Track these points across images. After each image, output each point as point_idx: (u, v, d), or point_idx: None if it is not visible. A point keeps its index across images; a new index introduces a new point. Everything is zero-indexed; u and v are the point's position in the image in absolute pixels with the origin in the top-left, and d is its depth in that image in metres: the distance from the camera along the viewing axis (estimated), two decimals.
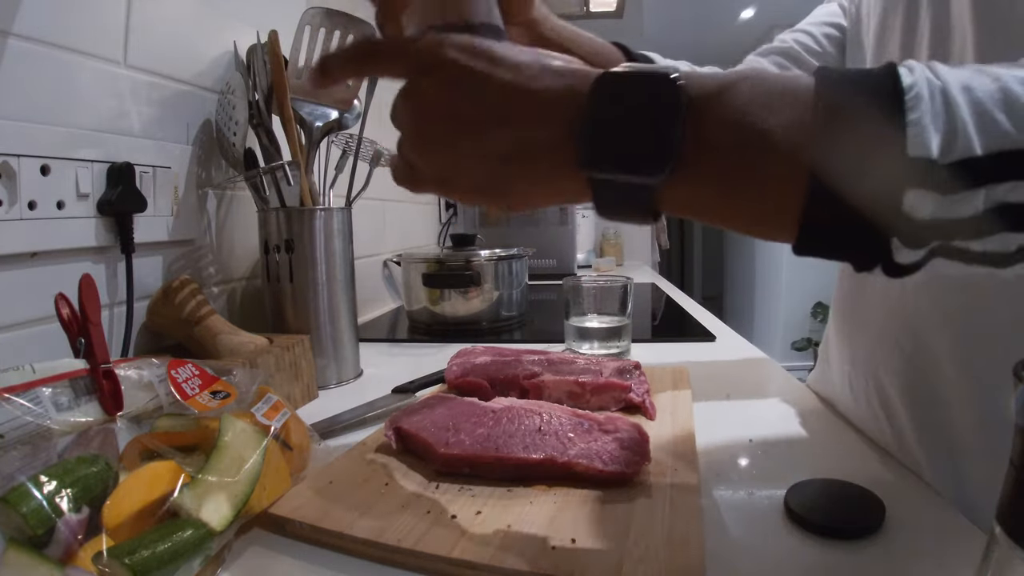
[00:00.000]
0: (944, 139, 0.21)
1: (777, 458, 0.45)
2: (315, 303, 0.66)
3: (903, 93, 0.22)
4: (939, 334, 0.41)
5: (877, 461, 0.44)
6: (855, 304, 0.52)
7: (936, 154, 0.21)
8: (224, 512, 0.32)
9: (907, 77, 0.23)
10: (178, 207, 0.63)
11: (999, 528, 0.19)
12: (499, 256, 0.99)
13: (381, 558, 0.33)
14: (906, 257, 0.23)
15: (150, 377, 0.40)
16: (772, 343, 3.75)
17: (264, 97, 0.68)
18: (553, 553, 0.31)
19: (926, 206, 0.22)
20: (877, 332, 0.48)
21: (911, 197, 0.22)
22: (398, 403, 0.57)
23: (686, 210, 0.27)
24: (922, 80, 0.22)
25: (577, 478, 0.39)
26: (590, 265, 2.04)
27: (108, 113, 0.55)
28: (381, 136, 0.79)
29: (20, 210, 0.46)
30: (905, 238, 0.23)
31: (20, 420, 0.33)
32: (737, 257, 4.65)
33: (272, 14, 0.78)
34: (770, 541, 0.34)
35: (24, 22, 0.46)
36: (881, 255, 0.23)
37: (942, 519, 0.36)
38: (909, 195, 0.22)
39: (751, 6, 3.30)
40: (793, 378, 0.66)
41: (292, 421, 0.42)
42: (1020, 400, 0.19)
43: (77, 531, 0.28)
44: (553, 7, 0.50)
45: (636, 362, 0.59)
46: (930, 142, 0.21)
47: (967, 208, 0.22)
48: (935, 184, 0.22)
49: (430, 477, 0.41)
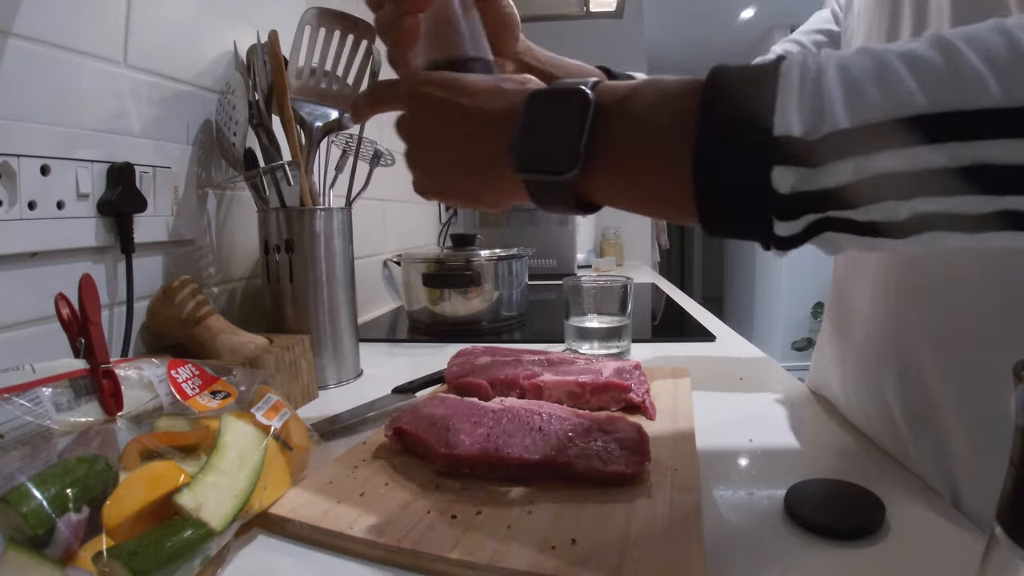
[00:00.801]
0: (811, 118, 0.23)
1: (777, 458, 0.45)
2: (315, 303, 0.66)
3: (777, 80, 0.24)
4: (925, 335, 0.41)
5: (877, 461, 0.44)
6: (845, 307, 0.52)
7: (799, 132, 0.23)
8: (224, 512, 0.32)
9: (785, 65, 0.25)
10: (178, 207, 0.63)
11: (999, 528, 0.19)
12: (499, 256, 0.99)
13: (381, 558, 0.33)
14: (784, 230, 0.25)
15: (150, 377, 0.40)
16: (772, 343, 3.75)
17: (264, 97, 0.68)
18: (553, 553, 0.31)
19: (787, 180, 0.24)
20: (867, 334, 0.48)
21: (777, 173, 0.24)
22: (398, 403, 0.57)
23: (608, 202, 0.31)
24: (796, 69, 0.24)
25: (577, 478, 0.39)
26: (590, 265, 2.04)
27: (108, 113, 0.55)
28: (381, 136, 0.79)
29: (20, 210, 0.46)
30: (777, 212, 0.25)
31: (20, 420, 0.33)
32: (737, 257, 4.65)
33: (272, 14, 0.78)
34: (770, 541, 0.34)
35: (24, 22, 0.46)
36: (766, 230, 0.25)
37: (942, 519, 0.36)
38: (775, 171, 0.24)
39: (751, 6, 3.30)
40: (793, 378, 0.66)
41: (292, 421, 0.42)
42: (1020, 400, 0.19)
43: (77, 531, 0.28)
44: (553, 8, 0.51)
45: (636, 362, 0.59)
46: (792, 123, 0.23)
47: (829, 179, 0.23)
48: (798, 159, 0.23)
49: (430, 477, 0.41)
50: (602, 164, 0.29)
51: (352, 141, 0.77)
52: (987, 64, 0.21)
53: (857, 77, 0.23)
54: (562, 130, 0.29)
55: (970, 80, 0.22)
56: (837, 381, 0.54)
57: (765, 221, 0.25)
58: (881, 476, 0.42)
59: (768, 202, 0.24)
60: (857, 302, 0.50)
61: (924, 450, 0.41)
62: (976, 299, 0.37)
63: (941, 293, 0.40)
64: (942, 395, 0.39)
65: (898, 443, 0.44)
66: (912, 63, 0.23)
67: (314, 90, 0.67)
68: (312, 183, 0.67)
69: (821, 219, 0.25)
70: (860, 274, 0.49)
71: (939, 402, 0.40)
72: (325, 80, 0.68)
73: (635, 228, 2.39)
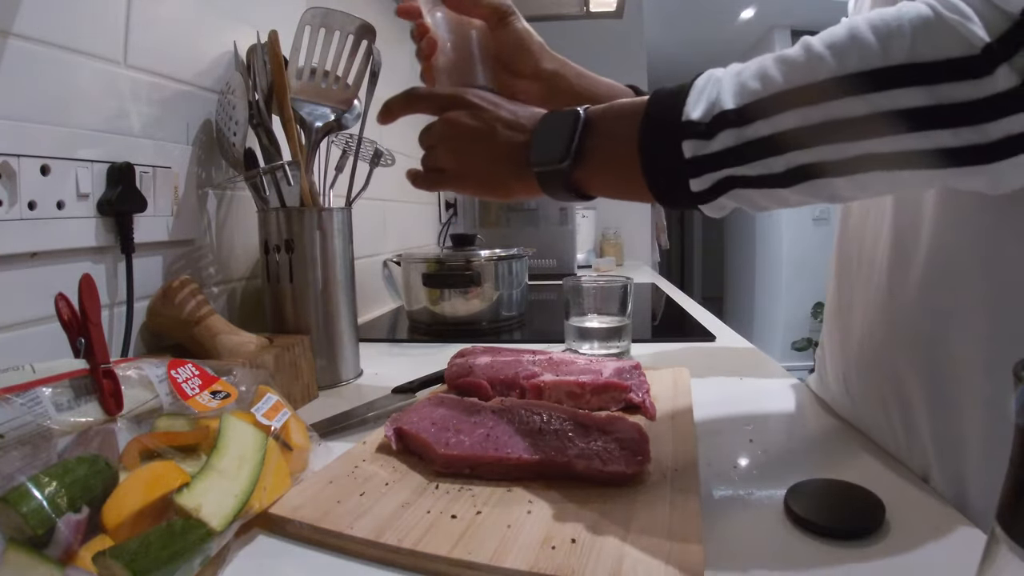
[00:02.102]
0: (707, 106, 0.33)
1: (777, 458, 0.45)
2: (315, 303, 0.66)
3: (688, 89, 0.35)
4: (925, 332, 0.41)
5: (877, 461, 0.44)
6: (846, 302, 0.52)
7: (697, 116, 0.33)
8: (224, 512, 0.32)
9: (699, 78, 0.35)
10: (178, 207, 0.63)
11: (999, 528, 0.19)
12: (499, 256, 0.99)
13: (381, 558, 0.33)
14: (696, 186, 0.35)
15: (150, 377, 0.40)
16: (772, 343, 3.74)
17: (264, 97, 0.68)
18: (553, 553, 0.31)
19: (689, 149, 0.34)
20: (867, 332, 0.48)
21: (684, 145, 0.34)
22: (398, 403, 0.57)
23: (593, 187, 0.41)
24: (704, 77, 0.35)
25: (577, 478, 0.39)
26: (590, 265, 2.03)
27: (108, 113, 0.55)
28: (381, 136, 0.79)
29: (20, 210, 0.46)
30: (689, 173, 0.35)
31: (20, 420, 0.33)
32: (737, 257, 4.65)
33: (272, 14, 0.78)
34: (770, 541, 0.34)
35: (24, 22, 0.46)
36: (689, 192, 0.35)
37: (942, 519, 0.36)
38: (683, 144, 0.34)
39: (751, 6, 3.30)
40: (793, 378, 0.66)
41: (292, 421, 0.42)
42: (1020, 400, 0.19)
43: (77, 531, 0.28)
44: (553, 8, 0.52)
45: (636, 362, 0.59)
46: (693, 110, 0.34)
47: (720, 144, 0.33)
48: (697, 134, 0.34)
49: (430, 477, 0.41)
50: (587, 160, 0.40)
51: (352, 141, 0.77)
52: (828, 47, 0.30)
53: (743, 76, 0.33)
54: (561, 135, 0.41)
55: (815, 61, 0.30)
56: (837, 382, 0.54)
57: (684, 182, 0.35)
58: (881, 476, 0.42)
59: (681, 166, 0.35)
60: (855, 301, 0.50)
61: (926, 449, 0.41)
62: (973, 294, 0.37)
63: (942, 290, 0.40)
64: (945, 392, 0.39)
65: (898, 442, 0.44)
66: (780, 59, 0.32)
67: (314, 90, 0.67)
68: (312, 183, 0.67)
69: (723, 177, 0.34)
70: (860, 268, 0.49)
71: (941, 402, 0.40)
72: (325, 80, 0.68)
73: (635, 228, 2.39)
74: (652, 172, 0.37)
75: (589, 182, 0.41)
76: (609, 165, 0.40)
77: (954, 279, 0.39)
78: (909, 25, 0.28)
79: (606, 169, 0.40)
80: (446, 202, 1.76)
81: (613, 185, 0.41)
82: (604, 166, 0.40)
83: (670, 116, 0.35)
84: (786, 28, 3.57)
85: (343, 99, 0.69)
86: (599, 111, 0.40)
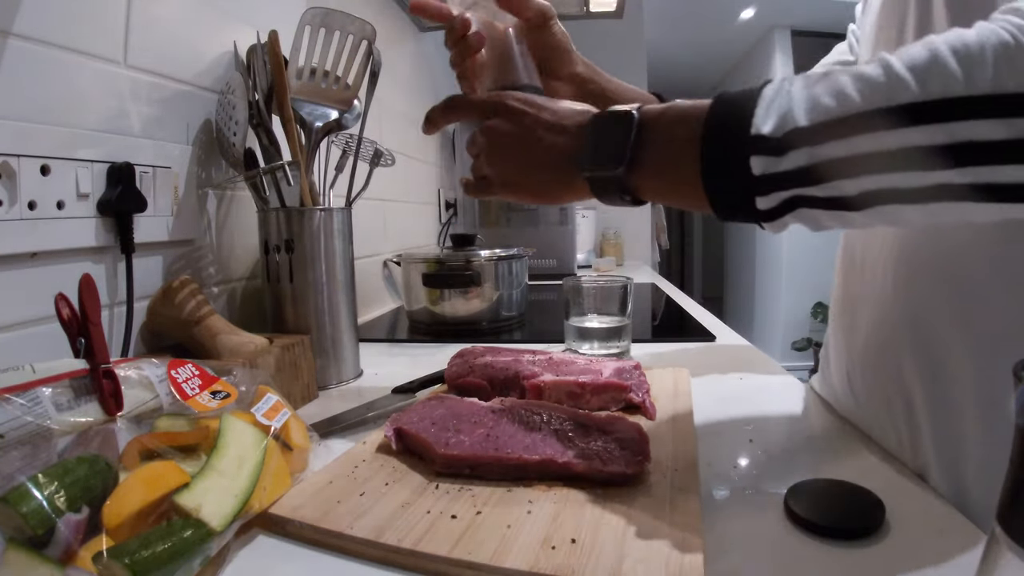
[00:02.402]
0: (778, 121, 0.31)
1: (777, 458, 0.45)
2: (315, 303, 0.66)
3: (756, 99, 0.33)
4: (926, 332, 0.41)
5: (877, 461, 0.44)
6: (851, 301, 0.52)
7: (768, 131, 0.31)
8: (224, 512, 0.32)
9: (765, 88, 0.33)
10: (178, 207, 0.63)
11: (999, 528, 0.19)
12: (499, 256, 0.99)
13: (381, 558, 0.33)
14: (763, 204, 0.33)
15: (150, 377, 0.40)
16: (772, 343, 3.74)
17: (264, 97, 0.68)
18: (553, 553, 0.31)
19: (759, 165, 0.32)
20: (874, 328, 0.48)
21: (753, 161, 0.32)
22: (398, 403, 0.57)
23: (648, 194, 0.39)
24: (773, 88, 0.33)
25: (577, 478, 0.39)
26: (590, 265, 2.04)
27: (108, 113, 0.55)
28: (381, 136, 0.79)
29: (20, 210, 0.46)
30: (756, 190, 0.32)
31: (20, 420, 0.33)
32: (737, 257, 4.64)
33: (272, 14, 0.78)
34: (770, 541, 0.34)
35: (24, 22, 0.46)
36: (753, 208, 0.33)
37: (942, 519, 0.36)
38: (752, 160, 0.32)
39: (751, 6, 3.30)
40: (793, 378, 0.66)
41: (292, 421, 0.42)
42: (1020, 400, 0.19)
43: (77, 531, 0.28)
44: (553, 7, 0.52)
45: (636, 362, 0.59)
46: (763, 124, 0.31)
47: (791, 163, 0.31)
48: (767, 150, 0.31)
49: (430, 477, 0.41)
50: (641, 165, 0.38)
51: (352, 141, 0.77)
52: (909, 70, 0.28)
53: (816, 91, 0.31)
54: (615, 139, 0.38)
55: (896, 84, 0.28)
56: (841, 379, 0.54)
57: (750, 199, 0.33)
58: (881, 476, 0.42)
59: (749, 183, 0.32)
60: (861, 298, 0.50)
61: (928, 447, 0.41)
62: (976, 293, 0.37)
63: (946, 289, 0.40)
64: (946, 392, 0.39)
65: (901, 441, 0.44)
66: (857, 76, 0.30)
67: (314, 90, 0.67)
68: (312, 183, 0.67)
69: (791, 196, 0.32)
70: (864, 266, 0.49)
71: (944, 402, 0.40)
72: (325, 80, 0.68)
73: (635, 228, 2.39)
74: (714, 185, 0.34)
75: (642, 188, 0.39)
76: (665, 172, 0.37)
77: (958, 279, 0.39)
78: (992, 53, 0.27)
79: (661, 176, 0.38)
80: (446, 202, 1.76)
81: (667, 192, 0.38)
82: (660, 173, 0.37)
83: (737, 127, 0.33)
84: (786, 28, 3.57)
85: (343, 99, 0.70)
86: (655, 112, 0.38)
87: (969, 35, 0.28)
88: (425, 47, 1.58)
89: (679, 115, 0.37)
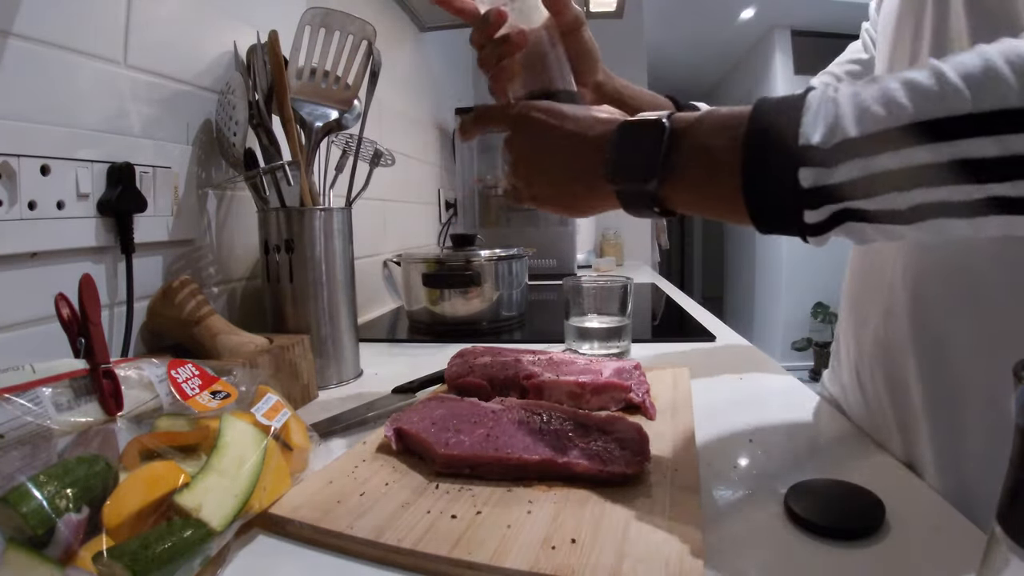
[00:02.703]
0: (827, 130, 0.29)
1: (777, 458, 0.45)
2: (315, 303, 0.66)
3: (801, 107, 0.31)
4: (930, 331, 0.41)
5: (877, 461, 0.44)
6: (861, 297, 0.52)
7: (817, 141, 0.30)
8: (224, 512, 0.32)
9: (810, 95, 0.31)
10: (178, 207, 0.63)
11: (999, 528, 0.19)
12: (499, 256, 0.99)
13: (381, 558, 0.33)
14: (811, 218, 0.31)
15: (150, 377, 0.40)
16: (772, 343, 3.75)
17: (264, 97, 0.68)
18: (553, 553, 0.31)
19: (809, 177, 0.30)
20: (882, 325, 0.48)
21: (802, 173, 0.30)
22: (398, 403, 0.57)
23: (679, 205, 0.37)
24: (818, 95, 0.31)
25: (577, 478, 0.39)
26: (590, 265, 2.04)
27: (108, 113, 0.55)
28: (381, 136, 0.79)
29: (20, 210, 0.46)
30: (805, 203, 0.31)
31: (20, 420, 0.33)
32: (737, 257, 4.65)
33: (272, 14, 0.78)
34: (770, 541, 0.34)
35: (24, 22, 0.46)
36: (799, 221, 0.31)
37: (942, 519, 0.36)
38: (801, 171, 0.30)
39: (751, 6, 3.30)
40: (793, 378, 0.66)
41: (292, 421, 0.42)
42: (1020, 400, 0.19)
43: (77, 531, 0.28)
44: None
45: (636, 362, 0.59)
46: (812, 134, 0.30)
47: (843, 175, 0.29)
48: (817, 161, 0.30)
49: (430, 477, 0.41)
50: (675, 176, 0.35)
51: (352, 141, 0.77)
52: (964, 80, 0.27)
53: (864, 98, 0.29)
54: (645, 150, 0.36)
55: (950, 93, 0.27)
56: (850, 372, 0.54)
57: (797, 212, 0.31)
58: (881, 476, 0.42)
59: (797, 196, 0.31)
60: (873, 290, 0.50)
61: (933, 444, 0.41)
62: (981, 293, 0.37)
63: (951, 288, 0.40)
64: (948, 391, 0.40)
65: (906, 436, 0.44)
66: (907, 84, 0.29)
67: (314, 90, 0.67)
68: (312, 183, 0.67)
69: (840, 210, 0.30)
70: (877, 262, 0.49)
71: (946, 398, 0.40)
72: (325, 80, 0.68)
73: (635, 228, 2.39)
74: (757, 198, 0.32)
75: (675, 200, 0.37)
76: (701, 185, 0.35)
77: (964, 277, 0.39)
78: None
79: (696, 188, 0.35)
80: (446, 202, 1.76)
81: (701, 204, 0.36)
82: (695, 186, 0.35)
83: (783, 137, 0.31)
84: (786, 28, 3.57)
85: (343, 99, 0.70)
86: (688, 121, 0.36)
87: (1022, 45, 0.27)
88: (425, 47, 1.58)
89: (716, 124, 0.35)
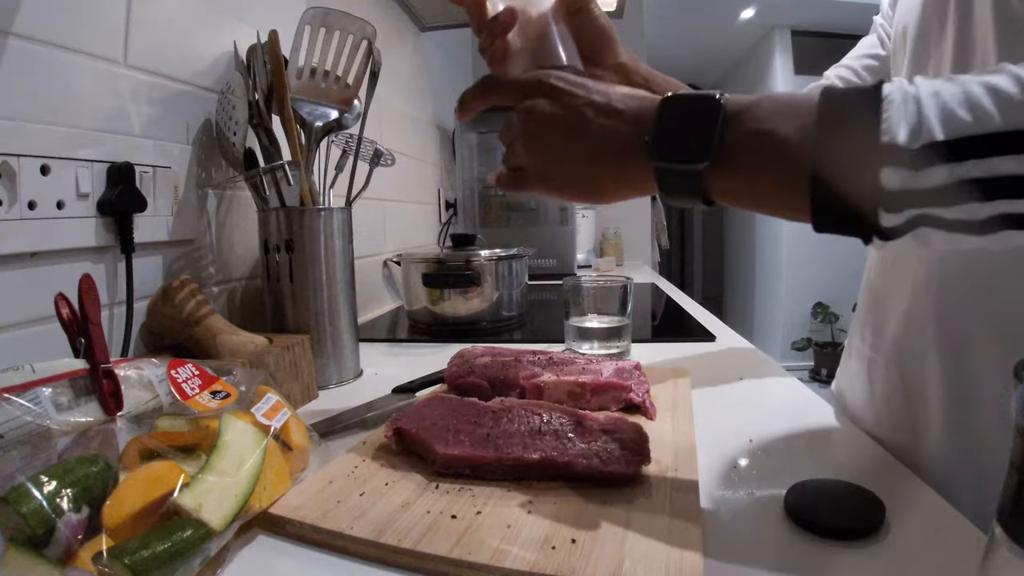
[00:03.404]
0: (912, 130, 0.28)
1: (777, 458, 0.45)
2: (315, 303, 0.66)
3: (881, 100, 0.29)
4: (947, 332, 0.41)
5: (877, 461, 0.44)
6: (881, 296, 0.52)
7: (903, 141, 0.28)
8: (224, 512, 0.32)
9: (887, 88, 0.29)
10: (178, 207, 0.63)
11: (999, 528, 0.19)
12: (499, 256, 0.99)
13: (381, 558, 0.33)
14: (888, 221, 0.29)
15: (150, 377, 0.40)
16: (772, 343, 3.75)
17: (264, 97, 0.68)
18: (553, 553, 0.31)
19: (894, 179, 0.28)
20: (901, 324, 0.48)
21: (885, 173, 0.28)
22: (398, 403, 0.57)
23: (726, 195, 0.34)
24: (897, 90, 0.29)
25: (577, 478, 0.39)
26: (590, 265, 2.03)
27: (108, 113, 0.55)
28: (381, 136, 0.79)
29: (20, 210, 0.46)
30: (885, 205, 0.29)
31: (20, 420, 0.33)
32: (737, 257, 4.64)
33: (272, 14, 0.78)
34: (770, 541, 0.34)
35: (24, 22, 0.46)
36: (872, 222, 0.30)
37: (942, 519, 0.36)
38: (884, 171, 0.28)
39: (751, 6, 3.30)
40: (793, 378, 0.66)
41: (292, 421, 0.42)
42: (1020, 400, 0.19)
43: (77, 531, 0.28)
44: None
45: (636, 362, 0.59)
46: (897, 132, 0.28)
47: (930, 180, 0.28)
48: (902, 162, 0.28)
49: (430, 477, 0.41)
50: (727, 161, 0.32)
51: (352, 141, 0.77)
52: None
53: (947, 100, 0.28)
54: (697, 128, 0.33)
55: None
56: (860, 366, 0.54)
57: (873, 214, 0.29)
58: (881, 476, 0.42)
59: (877, 196, 0.29)
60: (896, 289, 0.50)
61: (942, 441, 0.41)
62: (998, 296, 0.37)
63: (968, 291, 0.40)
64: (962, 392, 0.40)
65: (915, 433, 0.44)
66: (991, 90, 0.27)
67: (314, 90, 0.67)
68: (312, 183, 0.67)
69: (919, 215, 0.29)
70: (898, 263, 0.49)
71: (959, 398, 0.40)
72: (325, 80, 0.68)
73: (635, 228, 2.39)
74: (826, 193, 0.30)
75: (721, 188, 0.34)
76: (756, 171, 0.32)
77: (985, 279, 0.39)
78: None
79: (749, 175, 0.33)
80: (446, 202, 1.76)
81: (750, 193, 0.33)
82: (749, 171, 0.33)
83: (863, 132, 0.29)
84: (786, 28, 3.57)
85: (343, 99, 0.70)
86: (745, 102, 0.33)
87: None
88: (425, 47, 1.58)
89: (778, 106, 0.32)
